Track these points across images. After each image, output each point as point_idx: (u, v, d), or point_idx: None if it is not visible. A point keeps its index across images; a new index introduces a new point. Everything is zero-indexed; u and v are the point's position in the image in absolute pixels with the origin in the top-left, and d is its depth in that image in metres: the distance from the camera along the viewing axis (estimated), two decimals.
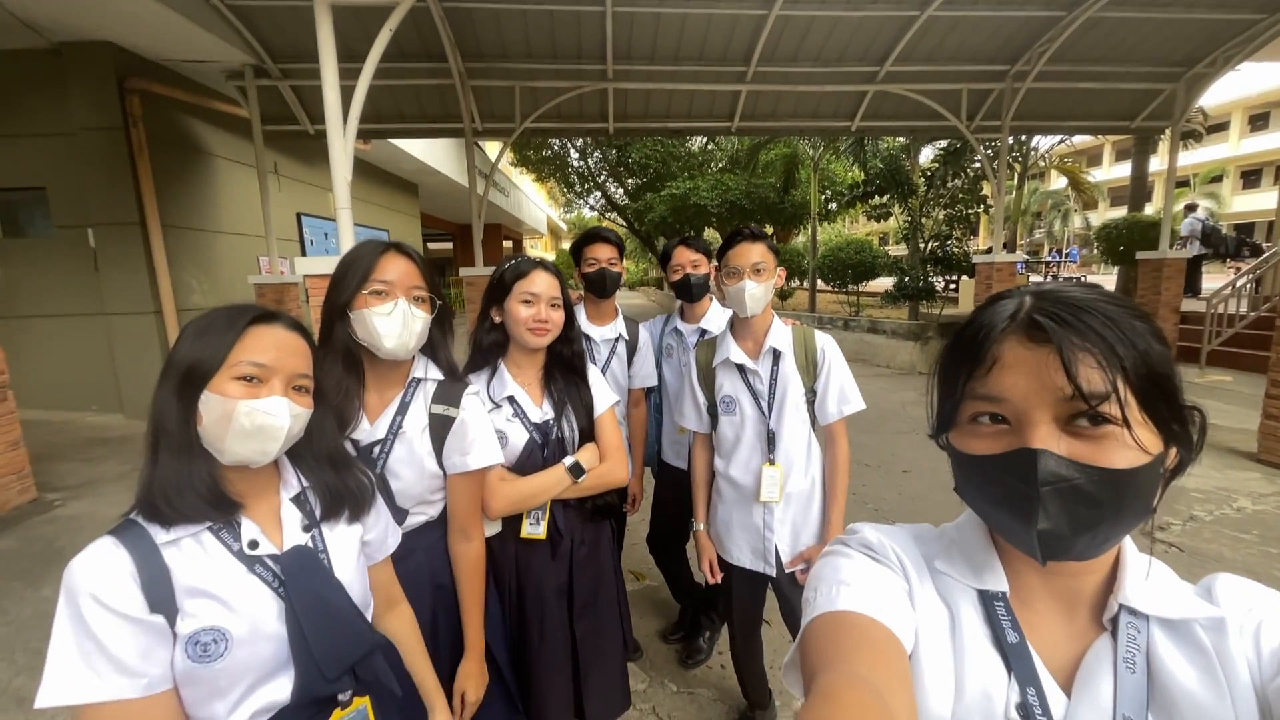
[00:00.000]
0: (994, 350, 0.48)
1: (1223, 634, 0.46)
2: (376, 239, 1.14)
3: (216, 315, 0.78)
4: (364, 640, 0.84)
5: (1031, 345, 0.46)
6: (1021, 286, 0.52)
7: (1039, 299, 0.48)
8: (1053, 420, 0.46)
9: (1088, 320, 0.45)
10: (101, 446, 4.77)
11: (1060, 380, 0.44)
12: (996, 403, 0.48)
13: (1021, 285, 0.53)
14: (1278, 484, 3.91)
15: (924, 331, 8.16)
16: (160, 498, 0.72)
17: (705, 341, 1.70)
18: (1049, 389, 0.45)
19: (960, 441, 0.51)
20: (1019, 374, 0.47)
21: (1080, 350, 0.44)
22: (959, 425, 0.52)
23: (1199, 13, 5.31)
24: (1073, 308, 0.46)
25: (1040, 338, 0.46)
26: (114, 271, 5.35)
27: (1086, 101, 6.81)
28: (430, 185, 12.82)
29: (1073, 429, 0.45)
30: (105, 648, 0.65)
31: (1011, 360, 0.47)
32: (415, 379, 1.15)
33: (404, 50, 5.28)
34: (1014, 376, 0.47)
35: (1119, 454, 0.44)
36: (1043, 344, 0.46)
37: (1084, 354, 0.44)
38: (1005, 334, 0.48)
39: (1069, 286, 0.49)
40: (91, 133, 5.10)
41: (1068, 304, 0.46)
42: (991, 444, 0.48)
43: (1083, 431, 0.45)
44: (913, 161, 10.63)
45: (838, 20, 5.37)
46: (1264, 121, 25.86)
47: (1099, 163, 29.55)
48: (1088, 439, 0.45)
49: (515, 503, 1.27)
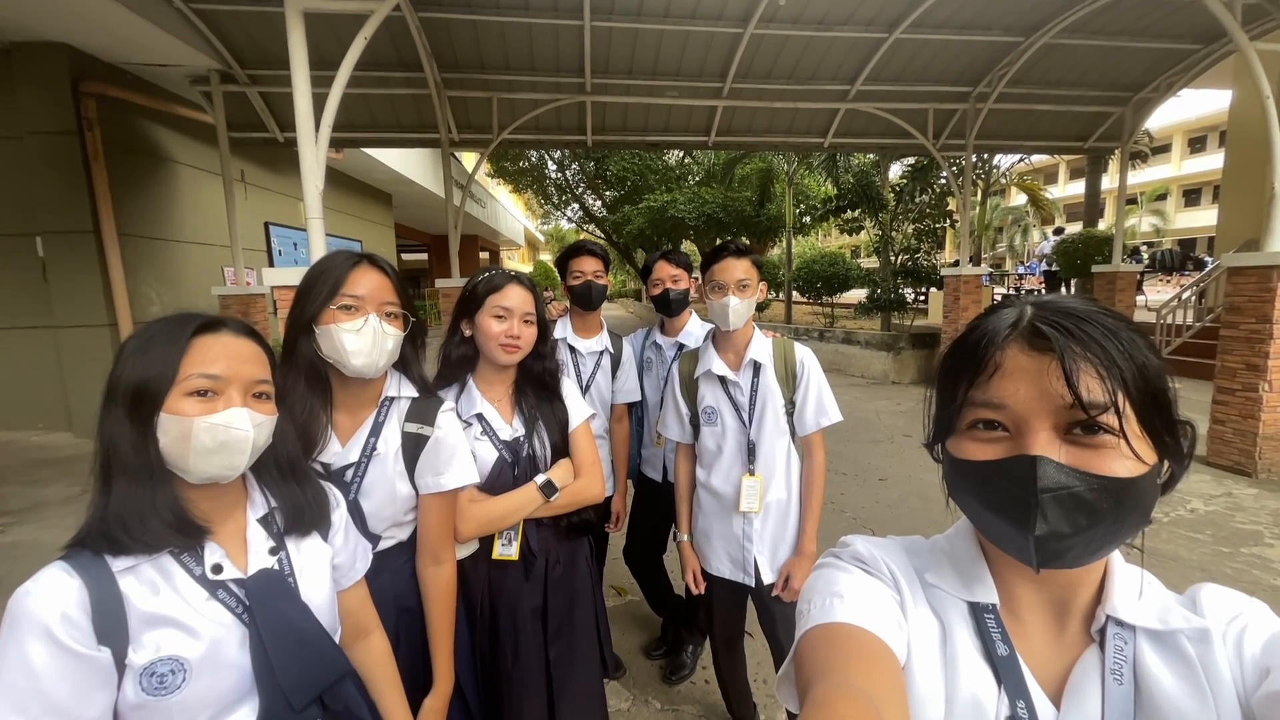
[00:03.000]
0: (996, 357, 0.48)
1: (1208, 644, 0.47)
2: (347, 250, 1.10)
3: (157, 329, 0.73)
4: (333, 666, 0.80)
5: (1033, 353, 0.47)
6: (1021, 296, 0.52)
7: (1040, 308, 0.48)
8: (1052, 428, 0.46)
9: (1089, 331, 0.45)
10: (48, 468, 4.50)
11: (1061, 389, 0.44)
12: (997, 409, 0.48)
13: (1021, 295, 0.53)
14: (1226, 485, 4.11)
15: (896, 342, 8.37)
16: (118, 527, 0.68)
17: (688, 353, 1.71)
18: (1049, 397, 0.45)
19: (958, 448, 0.51)
20: (1020, 381, 0.47)
21: (1082, 360, 0.44)
22: (957, 432, 0.51)
23: (1143, 41, 5.66)
24: (1075, 318, 0.46)
25: (1042, 346, 0.46)
26: (64, 281, 5.08)
27: (1044, 122, 7.16)
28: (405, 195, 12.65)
29: (1070, 438, 0.46)
30: (42, 686, 0.61)
31: (1013, 368, 0.47)
32: (388, 398, 1.11)
33: (379, 59, 5.22)
34: (1015, 384, 0.47)
35: (1117, 463, 0.44)
36: (1044, 352, 0.46)
37: (1085, 364, 0.44)
38: (1007, 341, 0.48)
39: (1068, 297, 0.50)
40: (41, 137, 4.87)
41: (1070, 314, 0.47)
42: (990, 450, 0.48)
43: (1080, 440, 0.45)
44: (883, 177, 10.97)
45: (810, 40, 5.53)
46: (1202, 144, 27.69)
47: (1055, 180, 31.04)
48: (1085, 448, 0.45)
49: (485, 524, 1.24)
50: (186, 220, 6.25)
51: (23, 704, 0.60)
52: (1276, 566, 3.00)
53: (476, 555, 1.29)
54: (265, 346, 0.80)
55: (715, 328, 1.60)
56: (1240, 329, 4.25)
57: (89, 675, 0.64)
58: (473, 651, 1.28)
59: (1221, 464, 4.41)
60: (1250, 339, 4.18)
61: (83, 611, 0.64)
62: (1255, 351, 4.14)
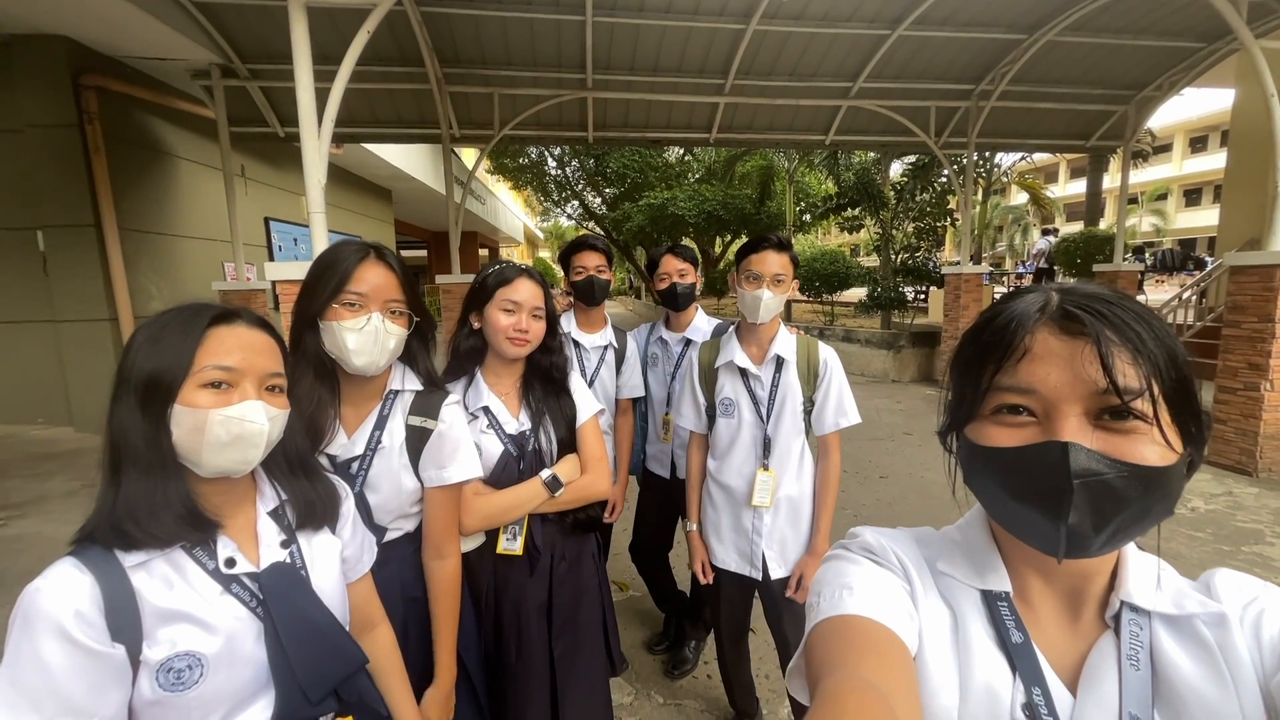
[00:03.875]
0: (1025, 341, 0.47)
1: (1225, 629, 0.46)
2: (356, 240, 1.09)
3: (170, 319, 0.72)
4: (349, 658, 0.80)
5: (1065, 337, 0.45)
6: (1044, 284, 0.51)
7: (1066, 294, 0.48)
8: (1083, 414, 0.45)
9: (1123, 316, 0.44)
10: (49, 461, 4.49)
11: (1094, 373, 0.43)
12: (1026, 394, 0.46)
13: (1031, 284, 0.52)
14: (1226, 484, 4.11)
15: (897, 340, 8.37)
16: (128, 521, 0.67)
17: (709, 342, 1.71)
18: (1082, 381, 0.44)
19: (980, 434, 0.50)
20: (1051, 365, 0.45)
21: (1116, 345, 0.44)
22: (980, 417, 0.50)
23: (1147, 39, 5.64)
24: (1105, 302, 0.45)
25: (1075, 330, 0.45)
26: (65, 276, 5.07)
27: (1046, 120, 7.14)
28: (404, 191, 12.61)
29: (1101, 424, 0.45)
30: (57, 684, 0.60)
31: (1043, 351, 0.46)
32: (393, 391, 1.11)
33: (380, 54, 5.20)
34: (1046, 368, 0.45)
35: (1149, 450, 0.44)
36: (1077, 336, 0.45)
37: (1119, 349, 0.43)
38: (1037, 325, 0.47)
39: (1093, 284, 0.49)
40: (41, 130, 4.84)
41: (1100, 299, 0.46)
42: (1016, 436, 0.47)
43: (1111, 426, 0.44)
44: (883, 175, 10.95)
45: (812, 36, 5.51)
46: (1203, 144, 27.65)
47: (1055, 180, 31.00)
48: (1116, 434, 0.44)
49: (489, 518, 1.23)
50: (187, 215, 6.23)
51: (38, 703, 0.60)
52: (1277, 565, 3.01)
53: (482, 549, 1.28)
54: (278, 339, 0.80)
55: (741, 319, 1.59)
56: (1242, 328, 4.25)
57: (104, 673, 0.63)
58: (478, 641, 1.28)
59: (1222, 463, 4.41)
60: (1252, 338, 4.18)
61: (96, 608, 0.63)
62: (1257, 350, 4.15)
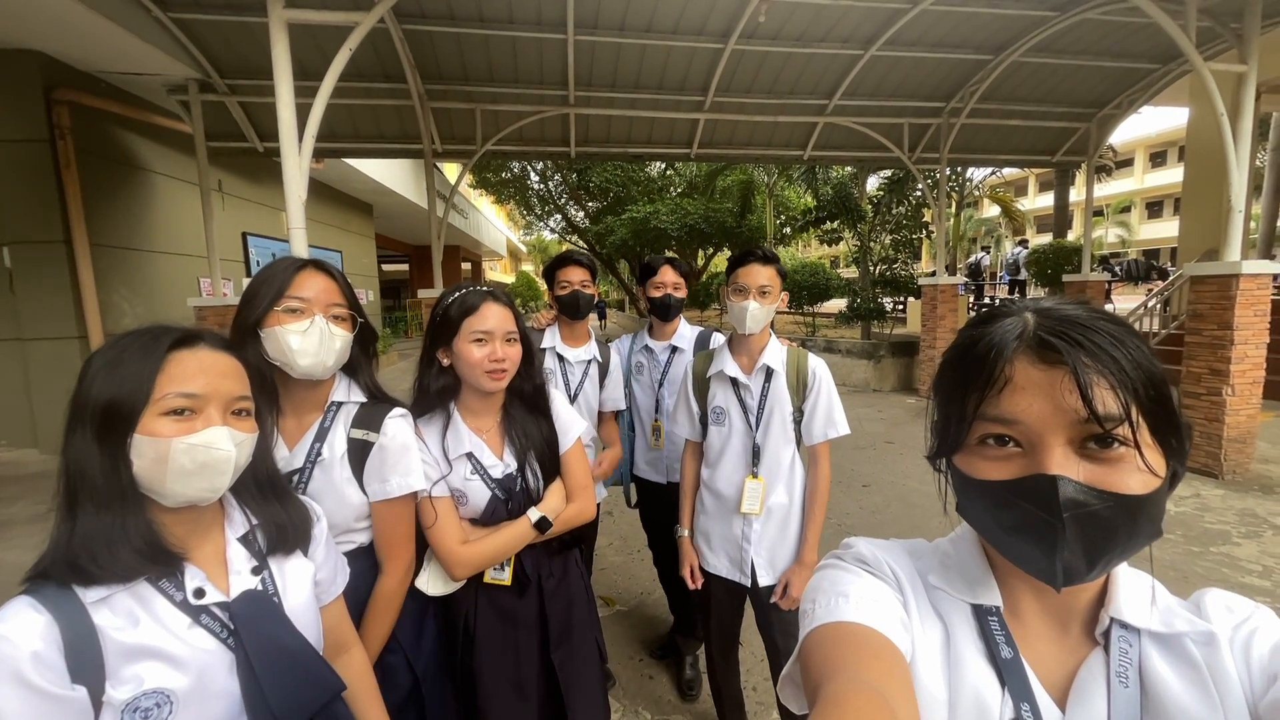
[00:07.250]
0: (1005, 370, 0.46)
1: (1214, 648, 0.46)
2: (293, 256, 1.10)
3: (128, 343, 0.68)
4: (325, 686, 0.78)
5: (1043, 366, 0.45)
6: (1017, 302, 0.51)
7: (1042, 316, 0.47)
8: (1066, 443, 0.45)
9: (1097, 340, 0.44)
10: (13, 485, 4.32)
11: (1074, 402, 0.43)
12: (1009, 425, 0.46)
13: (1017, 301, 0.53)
14: (1194, 487, 4.24)
15: (877, 350, 8.52)
16: (84, 556, 0.64)
17: (703, 353, 1.74)
18: (1063, 411, 0.44)
19: (968, 465, 0.49)
20: (1032, 396, 0.45)
21: (1094, 372, 0.43)
22: (966, 448, 0.50)
23: (1105, 61, 5.93)
24: (1080, 327, 0.45)
25: (1052, 358, 0.45)
26: (32, 292, 4.93)
27: (1014, 137, 7.42)
28: (386, 206, 12.55)
29: (1085, 451, 0.45)
30: None
31: (1023, 381, 0.46)
32: (335, 403, 1.09)
33: (361, 69, 5.20)
34: (1027, 399, 0.45)
35: (1133, 478, 0.44)
36: (1054, 365, 0.45)
37: (1098, 376, 0.43)
38: (1015, 353, 0.46)
39: (1067, 303, 0.48)
40: (9, 145, 4.75)
41: (1074, 323, 0.45)
42: (1004, 468, 0.47)
43: (1095, 454, 0.44)
44: (861, 189, 11.23)
45: (789, 56, 5.66)
46: (1163, 158, 28.93)
47: (1025, 193, 32.05)
48: (1101, 461, 0.44)
49: (478, 566, 1.21)
50: (162, 230, 6.12)
51: None
52: (1245, 565, 3.10)
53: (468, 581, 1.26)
54: (244, 360, 0.78)
55: (733, 330, 1.62)
56: (1204, 335, 4.42)
57: (63, 717, 0.60)
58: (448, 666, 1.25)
59: (1190, 466, 4.54)
60: (1213, 344, 4.34)
61: (55, 649, 0.60)
62: (1218, 357, 4.31)
